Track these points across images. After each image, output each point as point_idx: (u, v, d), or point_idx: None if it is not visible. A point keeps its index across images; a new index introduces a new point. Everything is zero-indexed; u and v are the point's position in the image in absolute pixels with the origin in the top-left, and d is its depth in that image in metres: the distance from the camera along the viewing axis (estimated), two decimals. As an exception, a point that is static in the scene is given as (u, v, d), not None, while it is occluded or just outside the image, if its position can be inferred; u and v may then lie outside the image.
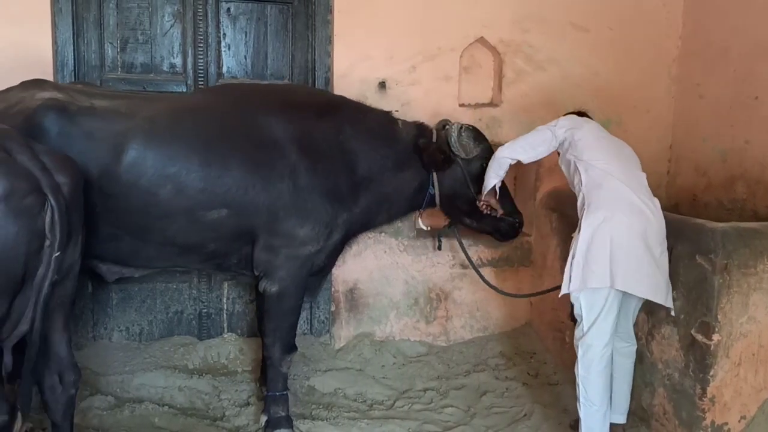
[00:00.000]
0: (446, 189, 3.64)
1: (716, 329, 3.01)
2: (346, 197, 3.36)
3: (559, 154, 3.38)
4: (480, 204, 3.62)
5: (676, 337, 3.18)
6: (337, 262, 3.88)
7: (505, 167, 3.44)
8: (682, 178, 4.58)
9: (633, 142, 4.45)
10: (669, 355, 3.22)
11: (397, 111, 3.89)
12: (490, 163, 3.48)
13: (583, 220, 3.06)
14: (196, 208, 3.07)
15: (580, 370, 3.09)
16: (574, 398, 3.71)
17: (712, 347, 3.02)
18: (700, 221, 3.17)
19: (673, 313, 3.14)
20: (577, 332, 3.11)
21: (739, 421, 3.14)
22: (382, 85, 4.17)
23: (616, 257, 2.97)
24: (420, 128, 3.69)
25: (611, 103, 4.52)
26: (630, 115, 4.57)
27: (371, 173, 3.45)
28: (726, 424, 3.11)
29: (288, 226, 3.19)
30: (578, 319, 3.10)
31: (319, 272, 3.55)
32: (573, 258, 3.06)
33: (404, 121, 3.67)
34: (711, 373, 3.04)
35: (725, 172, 4.19)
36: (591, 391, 3.08)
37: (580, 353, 3.08)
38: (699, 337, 3.06)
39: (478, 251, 4.39)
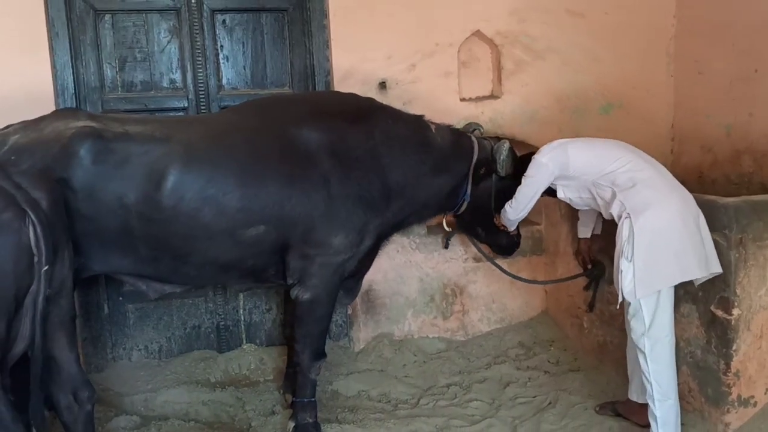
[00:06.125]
0: (474, 199, 3.67)
1: (736, 304, 3.02)
2: (378, 203, 3.34)
3: (554, 191, 3.35)
4: (497, 221, 3.71)
5: (696, 314, 3.19)
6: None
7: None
8: (687, 156, 4.59)
9: (636, 123, 4.53)
10: (690, 332, 3.23)
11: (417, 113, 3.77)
12: (505, 217, 3.57)
13: (634, 224, 2.93)
14: (235, 228, 3.08)
15: (650, 365, 2.99)
16: (597, 383, 3.76)
17: (732, 322, 3.03)
18: (711, 197, 3.17)
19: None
20: (637, 328, 3.01)
21: (766, 393, 3.16)
22: (383, 85, 4.16)
23: (678, 250, 2.92)
24: (457, 134, 3.70)
25: (612, 87, 4.52)
26: (631, 98, 4.56)
27: (406, 179, 3.44)
28: (752, 397, 3.13)
29: (323, 235, 3.19)
30: (635, 314, 3.01)
31: (354, 275, 3.57)
32: (631, 264, 2.93)
33: (437, 126, 3.64)
34: (734, 348, 3.05)
35: (730, 147, 4.20)
36: (665, 384, 3.01)
37: (647, 349, 2.99)
38: (719, 312, 3.07)
39: (490, 244, 4.40)
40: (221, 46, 4.15)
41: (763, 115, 3.93)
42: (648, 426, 3.11)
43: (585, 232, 3.71)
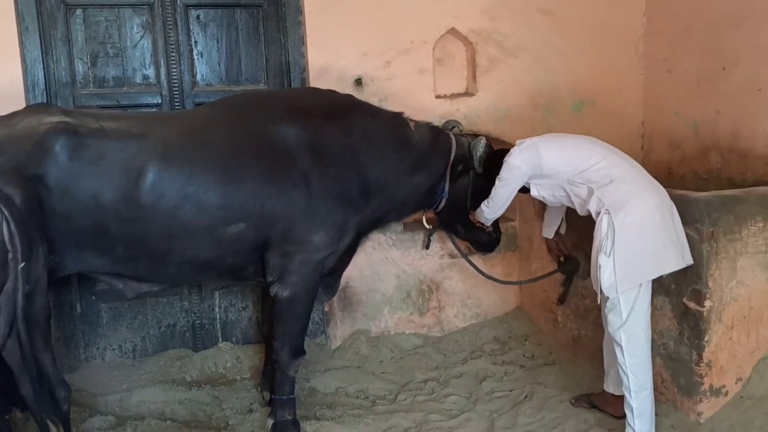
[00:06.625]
0: (452, 196, 3.70)
1: (708, 296, 3.09)
2: (358, 200, 3.34)
3: (528, 189, 3.35)
4: (472, 217, 3.73)
5: (669, 306, 3.26)
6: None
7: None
8: (656, 152, 4.68)
9: (606, 121, 4.61)
10: (663, 325, 3.29)
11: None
12: (482, 216, 3.59)
13: (614, 219, 2.95)
14: (216, 225, 3.05)
15: (627, 358, 3.01)
16: (572, 376, 3.82)
17: (705, 314, 3.10)
18: (682, 192, 3.23)
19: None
20: (615, 321, 3.03)
21: (736, 383, 3.23)
22: (359, 82, 4.17)
23: (658, 244, 2.96)
24: (435, 131, 3.70)
25: (583, 85, 4.60)
26: (601, 96, 4.64)
27: (385, 176, 3.44)
28: (724, 386, 3.20)
29: (303, 233, 3.18)
30: (613, 308, 3.03)
31: (333, 272, 3.57)
32: (610, 259, 2.95)
33: (416, 123, 3.64)
34: (706, 339, 3.12)
35: (698, 143, 4.29)
36: (642, 376, 3.03)
37: (624, 342, 3.01)
38: (691, 304, 3.14)
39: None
40: (195, 41, 4.11)
41: (729, 111, 4.03)
42: (623, 417, 3.16)
43: (549, 232, 3.77)
